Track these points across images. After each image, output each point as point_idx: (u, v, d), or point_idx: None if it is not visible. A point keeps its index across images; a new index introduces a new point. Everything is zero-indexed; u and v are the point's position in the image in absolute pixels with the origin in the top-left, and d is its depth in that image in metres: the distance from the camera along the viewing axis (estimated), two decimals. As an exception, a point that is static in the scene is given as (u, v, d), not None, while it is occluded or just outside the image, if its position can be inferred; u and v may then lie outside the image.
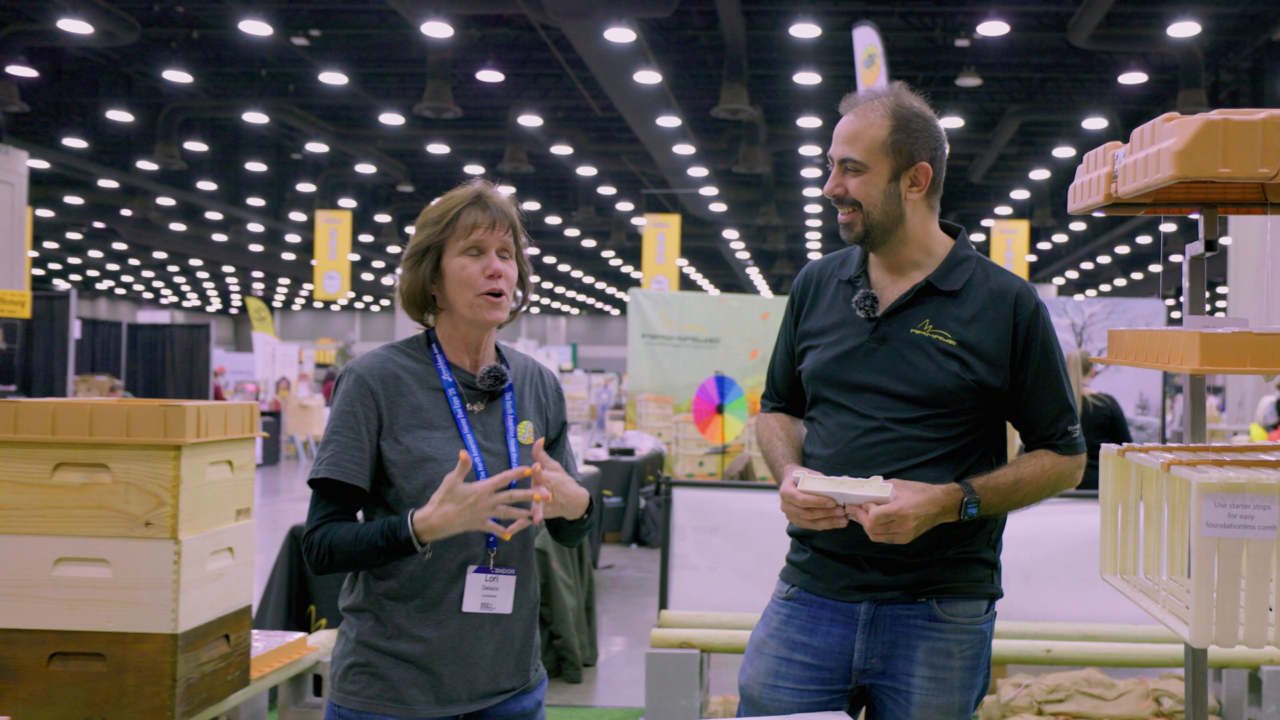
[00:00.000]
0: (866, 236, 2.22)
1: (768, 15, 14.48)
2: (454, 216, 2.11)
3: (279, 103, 18.53)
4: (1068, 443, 2.24)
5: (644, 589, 8.26)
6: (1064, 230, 28.34)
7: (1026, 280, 2.28)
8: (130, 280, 48.50)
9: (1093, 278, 37.42)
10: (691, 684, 4.42)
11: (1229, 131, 1.87)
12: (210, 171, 23.87)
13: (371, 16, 15.18)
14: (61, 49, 16.18)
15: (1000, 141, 18.71)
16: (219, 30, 15.55)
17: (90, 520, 2.79)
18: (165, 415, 2.82)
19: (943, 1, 14.11)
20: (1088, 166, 2.38)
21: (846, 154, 2.19)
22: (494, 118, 19.54)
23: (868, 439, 2.18)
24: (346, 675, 2.09)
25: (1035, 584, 4.69)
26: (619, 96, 15.69)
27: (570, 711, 5.22)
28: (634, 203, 26.47)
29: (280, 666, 3.64)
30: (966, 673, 2.21)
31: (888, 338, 2.20)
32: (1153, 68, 15.36)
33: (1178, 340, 2.01)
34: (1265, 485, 1.87)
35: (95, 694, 2.77)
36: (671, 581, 4.78)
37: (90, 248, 36.67)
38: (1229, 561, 1.88)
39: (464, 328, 2.15)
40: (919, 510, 2.04)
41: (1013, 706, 4.73)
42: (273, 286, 48.66)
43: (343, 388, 2.11)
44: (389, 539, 1.98)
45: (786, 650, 2.26)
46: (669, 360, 11.14)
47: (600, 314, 57.27)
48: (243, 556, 3.20)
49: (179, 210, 28.47)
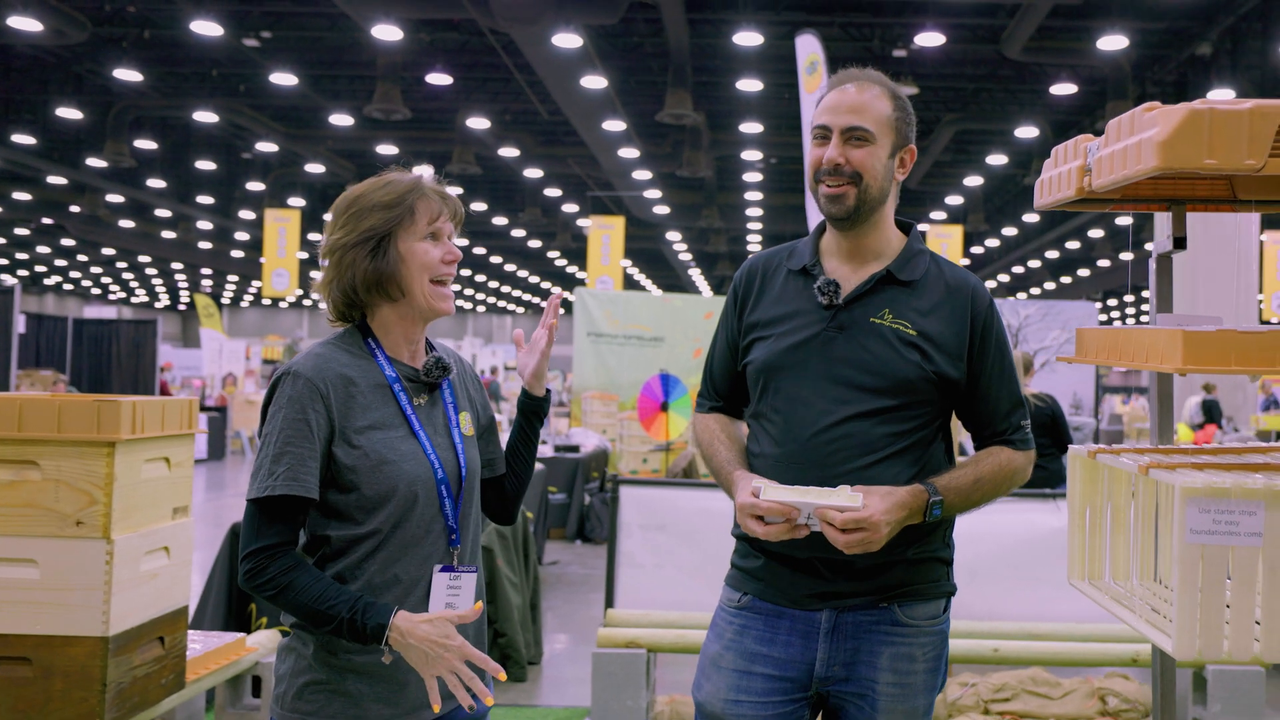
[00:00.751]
0: (856, 212, 2.07)
1: (711, 24, 14.47)
2: (411, 202, 1.97)
3: (229, 102, 18.38)
4: (1021, 437, 2.13)
5: (589, 585, 8.12)
6: (996, 235, 28.69)
7: (978, 277, 2.17)
8: (79, 276, 47.78)
9: (1024, 281, 37.96)
10: (638, 684, 4.32)
11: (1215, 121, 1.73)
12: (160, 169, 23.50)
13: (322, 19, 15.11)
14: (11, 46, 15.95)
15: (935, 149, 18.84)
16: (170, 30, 15.38)
17: (17, 519, 2.67)
18: (99, 411, 2.71)
19: (880, 13, 14.14)
20: (1056, 160, 2.24)
21: (855, 123, 2.05)
22: (442, 120, 19.52)
23: (825, 435, 2.03)
24: (302, 694, 1.90)
25: (981, 583, 4.59)
26: (566, 101, 15.65)
27: (515, 711, 5.06)
28: (579, 205, 26.43)
29: (218, 668, 3.53)
30: (929, 675, 2.11)
31: (847, 326, 2.06)
32: (1082, 79, 15.54)
33: (1158, 339, 1.87)
34: (1251, 490, 1.74)
35: (21, 699, 2.66)
36: (618, 580, 4.65)
37: (38, 243, 36.03)
38: (1213, 570, 1.75)
39: (408, 320, 2.00)
40: (889, 516, 1.91)
41: (959, 706, 4.63)
42: (221, 283, 48.18)
43: (288, 392, 1.89)
44: (356, 618, 1.80)
45: (745, 663, 2.11)
46: (614, 358, 11.07)
47: (545, 313, 57.07)
48: (179, 556, 3.08)
49: (128, 207, 28.13)
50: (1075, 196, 2.12)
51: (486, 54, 15.87)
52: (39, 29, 13.75)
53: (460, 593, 1.95)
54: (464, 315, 54.90)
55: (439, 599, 1.93)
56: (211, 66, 17.24)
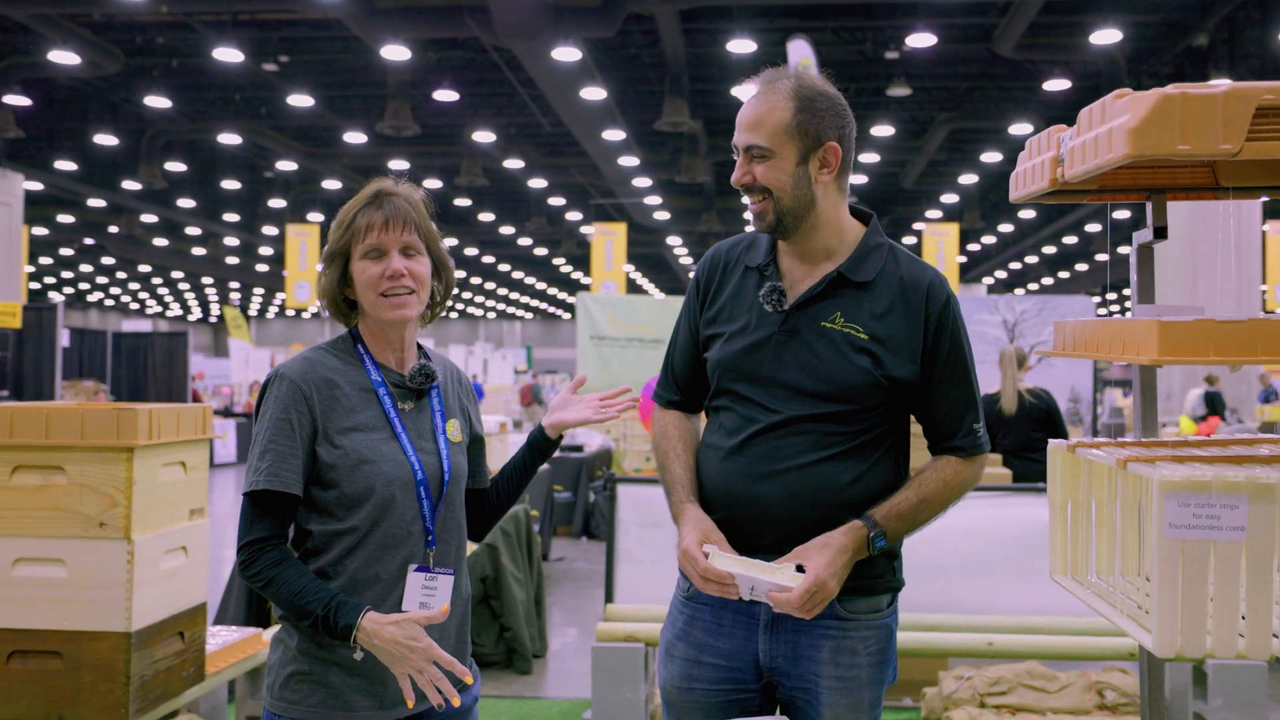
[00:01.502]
0: (779, 224, 1.98)
1: (706, 33, 14.38)
2: (351, 220, 1.98)
3: (251, 125, 18.65)
4: (972, 442, 2.01)
5: (594, 581, 8.08)
6: (992, 232, 28.48)
7: (939, 271, 2.06)
8: (118, 292, 48.54)
9: (1021, 277, 37.69)
10: (636, 677, 4.28)
11: (1187, 106, 1.62)
12: (189, 190, 23.97)
13: (336, 42, 15.19)
14: (53, 79, 16.38)
15: (930, 148, 18.70)
16: (196, 58, 15.61)
17: (47, 521, 2.76)
18: (118, 418, 2.78)
19: (872, 15, 14.00)
20: (1030, 152, 2.13)
21: (751, 140, 1.96)
22: (450, 135, 19.54)
23: (773, 433, 1.96)
24: (287, 684, 1.91)
25: (975, 577, 4.50)
26: (567, 113, 15.63)
27: (520, 703, 5.00)
28: (583, 212, 26.49)
29: (236, 661, 3.63)
30: (874, 669, 2.01)
31: (798, 330, 1.98)
32: (1076, 75, 15.34)
33: (1133, 330, 1.76)
34: (1233, 484, 1.62)
35: (52, 691, 2.75)
36: (617, 575, 4.62)
37: (81, 262, 36.77)
38: (1194, 565, 1.64)
39: (380, 328, 2.01)
40: (833, 570, 1.85)
41: (955, 699, 4.52)
42: (248, 296, 48.67)
43: (274, 393, 1.92)
44: (330, 615, 1.82)
45: (695, 652, 2.06)
46: (616, 360, 11.02)
47: (553, 318, 57.29)
48: (197, 555, 3.14)
49: (161, 226, 28.62)
50: (1049, 188, 2.01)
51: (490, 70, 15.90)
52: (77, 62, 14.24)
53: (435, 593, 1.94)
54: (475, 322, 55.03)
55: (413, 598, 1.92)
56: (234, 91, 17.48)
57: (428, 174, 22.47)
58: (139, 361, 19.08)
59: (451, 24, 12.93)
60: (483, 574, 5.41)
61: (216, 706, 4.13)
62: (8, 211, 17.66)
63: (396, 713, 1.92)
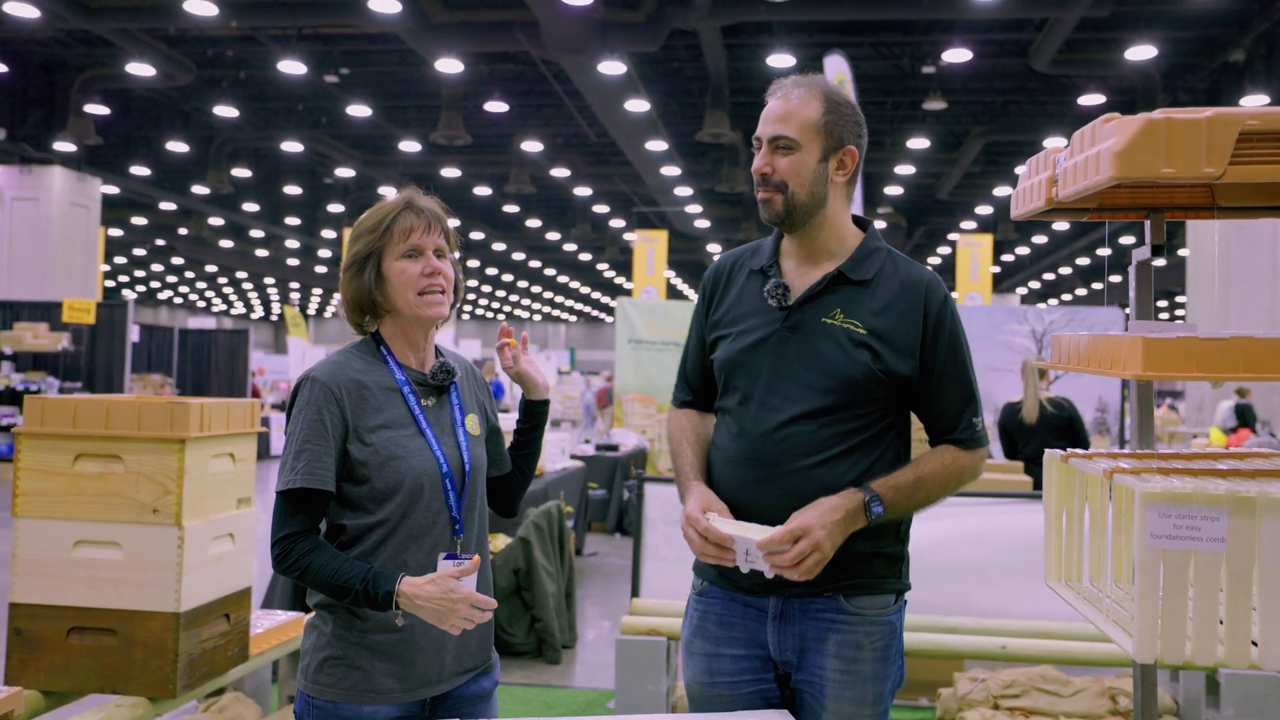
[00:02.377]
0: (788, 216, 2.00)
1: (747, 48, 14.37)
2: (389, 224, 2.01)
3: (313, 133, 19.02)
4: (970, 435, 2.00)
5: (625, 575, 8.06)
6: (1026, 243, 28.15)
7: (935, 273, 2.05)
8: (186, 291, 49.39)
9: (1054, 288, 37.17)
10: (659, 670, 4.29)
11: (1171, 130, 1.61)
12: (254, 194, 24.46)
13: (393, 55, 15.39)
14: (130, 90, 16.85)
15: (965, 161, 18.52)
16: (262, 70, 15.93)
17: (105, 506, 2.83)
18: (172, 411, 2.86)
19: (910, 31, 13.91)
20: (1030, 171, 2.13)
21: (779, 131, 1.98)
22: (500, 144, 19.67)
23: (774, 435, 1.96)
24: (322, 668, 1.95)
25: (990, 581, 4.46)
26: (612, 124, 15.67)
27: (548, 691, 5.02)
28: (626, 220, 26.54)
29: (279, 644, 3.69)
30: (878, 664, 1.99)
31: (799, 326, 1.99)
32: (1111, 90, 15.12)
33: (1120, 346, 1.76)
34: (1213, 496, 1.62)
35: (107, 666, 2.82)
36: (643, 571, 4.63)
37: (153, 262, 37.51)
38: (1175, 574, 1.64)
39: (408, 327, 2.05)
40: (822, 522, 1.83)
41: (969, 700, 4.48)
42: (307, 296, 49.28)
43: (305, 395, 1.95)
44: (368, 588, 1.87)
45: (713, 647, 2.06)
46: (653, 363, 11.03)
47: (596, 321, 57.38)
48: (243, 542, 3.19)
49: (227, 228, 29.15)
50: (1045, 207, 2.01)
51: (539, 83, 15.99)
52: (152, 73, 14.64)
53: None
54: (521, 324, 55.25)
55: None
56: (297, 102, 17.80)
57: (478, 182, 22.64)
58: (203, 357, 19.42)
59: (502, 38, 13.04)
60: (515, 566, 5.44)
61: (261, 685, 4.20)
62: (86, 214, 18.06)
63: (422, 694, 1.97)
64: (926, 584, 4.61)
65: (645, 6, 12.27)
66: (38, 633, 2.83)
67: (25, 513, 2.87)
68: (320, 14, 12.86)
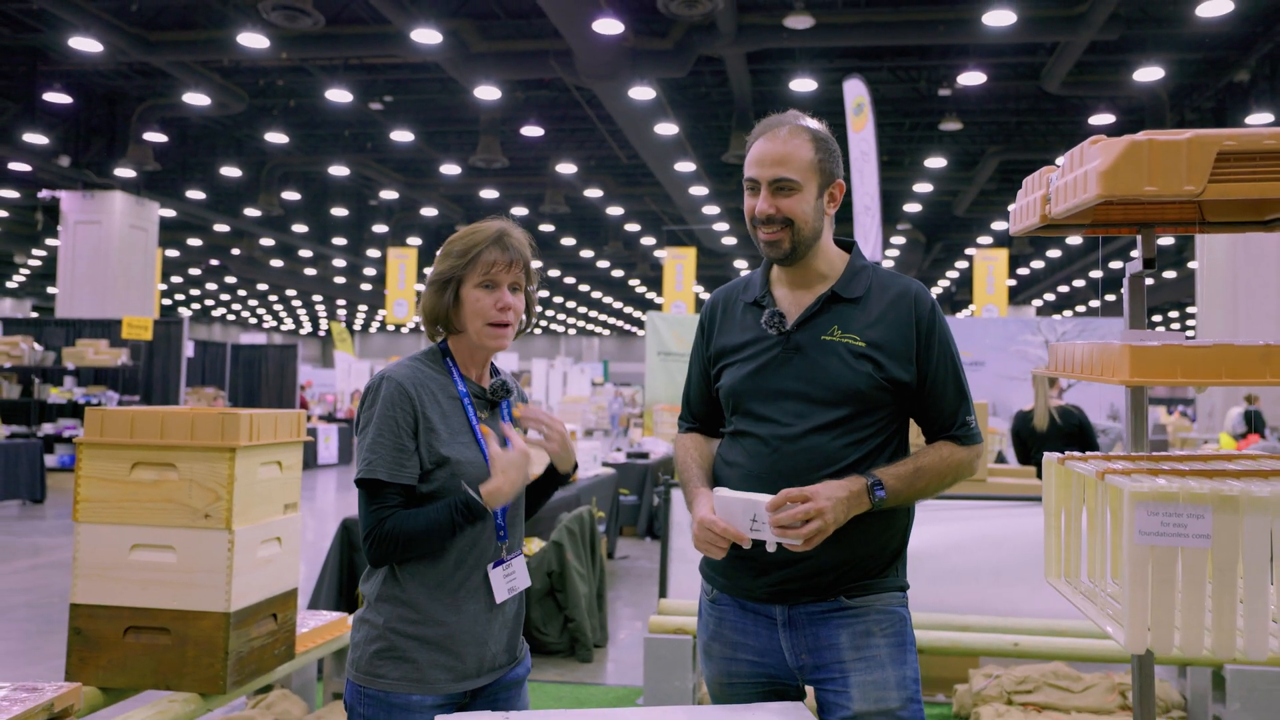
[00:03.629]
0: (793, 252, 2.02)
1: (771, 73, 14.41)
2: (476, 254, 2.05)
3: (358, 158, 19.23)
4: (965, 433, 2.02)
5: (655, 578, 8.06)
6: (1041, 257, 27.94)
7: (919, 282, 2.07)
8: (238, 308, 49.87)
9: (1069, 300, 36.80)
10: (685, 667, 4.29)
11: (1153, 151, 1.64)
12: (302, 216, 24.72)
13: (434, 84, 15.56)
14: (186, 118, 17.16)
15: (981, 179, 18.45)
16: (310, 99, 16.18)
17: (160, 512, 2.87)
18: (223, 422, 2.90)
19: (926, 55, 13.90)
20: (1026, 190, 2.16)
21: (780, 175, 1.98)
22: (536, 167, 19.79)
23: (788, 448, 1.97)
24: (373, 660, 1.97)
25: (1004, 582, 4.45)
26: (642, 146, 15.74)
27: (580, 688, 5.04)
28: (656, 238, 26.63)
29: (325, 642, 3.74)
30: (894, 649, 1.97)
31: (801, 346, 2.01)
32: (1120, 110, 15.04)
33: (1111, 354, 1.79)
34: (1198, 495, 1.64)
35: (162, 664, 2.85)
36: (670, 573, 4.63)
37: (207, 281, 37.99)
38: (1163, 569, 1.66)
39: (471, 348, 2.10)
40: (830, 497, 1.84)
41: (984, 696, 4.47)
42: (353, 312, 49.66)
43: (385, 393, 1.98)
44: (464, 514, 1.93)
45: (730, 651, 2.07)
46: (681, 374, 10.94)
47: (628, 334, 57.46)
48: (290, 545, 3.23)
49: (277, 249, 29.53)
50: (1040, 224, 2.04)
51: (573, 108, 16.09)
52: (207, 103, 14.94)
53: (515, 575, 2.06)
54: (556, 337, 55.41)
55: (501, 589, 2.04)
56: (344, 128, 18.03)
57: (515, 202, 22.79)
58: (254, 371, 19.53)
59: (538, 66, 13.16)
60: (549, 569, 5.47)
61: (307, 683, 4.24)
62: (145, 236, 18.35)
63: (468, 684, 2.00)
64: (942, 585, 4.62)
65: (673, 35, 12.35)
66: (96, 632, 2.86)
67: (86, 518, 2.90)
68: (365, 45, 13.06)
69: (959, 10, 11.72)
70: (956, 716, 4.54)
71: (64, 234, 17.99)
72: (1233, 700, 3.95)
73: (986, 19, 11.03)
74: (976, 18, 11.39)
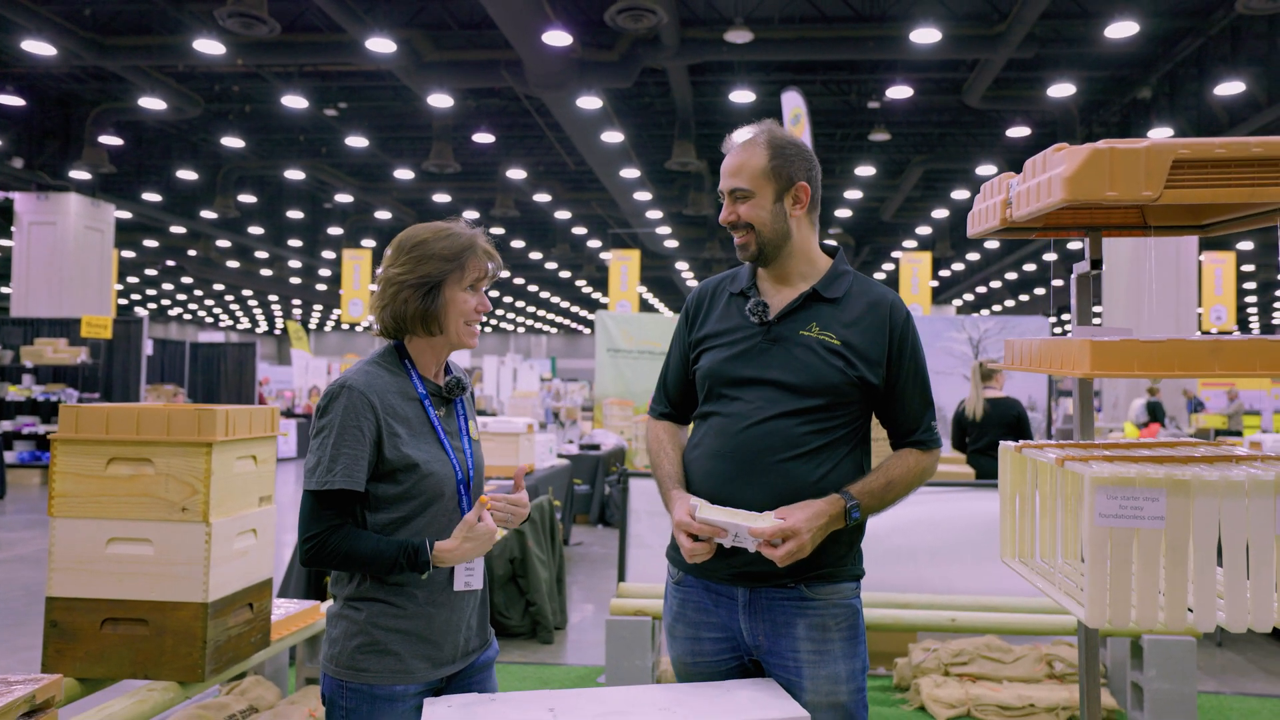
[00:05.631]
0: (761, 253, 2.05)
1: (711, 84, 14.46)
2: (466, 259, 2.03)
3: (313, 162, 18.83)
4: (929, 437, 2.05)
5: (608, 563, 8.06)
6: (961, 260, 28.46)
7: (896, 293, 2.10)
8: (195, 308, 48.77)
9: (986, 299, 37.57)
10: (645, 647, 4.30)
11: (1114, 158, 1.67)
12: (258, 218, 24.19)
13: (388, 91, 15.32)
14: (141, 121, 16.61)
15: (906, 186, 18.71)
16: (266, 104, 15.79)
17: (137, 506, 2.81)
18: (199, 417, 2.83)
19: (857, 70, 14.06)
20: (984, 195, 2.18)
21: (734, 185, 2.03)
22: (487, 172, 19.64)
23: (753, 431, 1.97)
24: (354, 655, 1.94)
25: (942, 562, 4.52)
26: (589, 153, 15.69)
27: (542, 668, 5.01)
28: (602, 240, 26.58)
29: (297, 630, 3.69)
30: (846, 644, 1.99)
31: (780, 339, 2.01)
32: (1035, 123, 15.37)
33: (1069, 348, 1.81)
34: (1153, 479, 1.67)
35: (139, 654, 2.79)
36: (629, 558, 4.63)
37: (164, 281, 37.03)
38: (1120, 549, 1.69)
39: (440, 347, 2.06)
40: (810, 524, 1.86)
41: (923, 668, 4.54)
42: (308, 311, 48.88)
43: (343, 402, 1.91)
44: (409, 559, 1.90)
45: (694, 630, 2.07)
46: (630, 370, 11.04)
47: (575, 332, 57.34)
48: (265, 537, 3.18)
49: (234, 250, 28.80)
50: (1000, 226, 2.06)
51: (522, 116, 15.99)
52: (163, 107, 14.38)
53: (474, 572, 2.03)
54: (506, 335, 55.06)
55: (460, 580, 2.01)
56: (299, 133, 17.64)
57: (466, 206, 22.60)
58: (213, 368, 19.14)
59: (489, 76, 13.04)
60: (511, 555, 5.43)
61: (279, 670, 4.16)
62: (100, 237, 17.80)
63: (445, 671, 1.99)
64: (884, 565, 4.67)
65: (619, 47, 12.31)
66: (73, 624, 2.80)
67: (61, 513, 2.83)
68: (320, 53, 12.79)
69: (888, 28, 11.86)
70: (897, 688, 4.59)
71: (18, 235, 17.37)
72: (1149, 668, 4.06)
73: (913, 36, 11.19)
74: (904, 35, 11.55)
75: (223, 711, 3.73)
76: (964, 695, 4.26)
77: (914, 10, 11.67)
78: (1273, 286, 33.74)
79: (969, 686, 4.33)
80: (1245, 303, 36.82)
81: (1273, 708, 4.49)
